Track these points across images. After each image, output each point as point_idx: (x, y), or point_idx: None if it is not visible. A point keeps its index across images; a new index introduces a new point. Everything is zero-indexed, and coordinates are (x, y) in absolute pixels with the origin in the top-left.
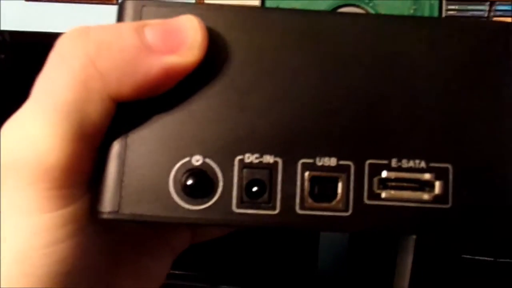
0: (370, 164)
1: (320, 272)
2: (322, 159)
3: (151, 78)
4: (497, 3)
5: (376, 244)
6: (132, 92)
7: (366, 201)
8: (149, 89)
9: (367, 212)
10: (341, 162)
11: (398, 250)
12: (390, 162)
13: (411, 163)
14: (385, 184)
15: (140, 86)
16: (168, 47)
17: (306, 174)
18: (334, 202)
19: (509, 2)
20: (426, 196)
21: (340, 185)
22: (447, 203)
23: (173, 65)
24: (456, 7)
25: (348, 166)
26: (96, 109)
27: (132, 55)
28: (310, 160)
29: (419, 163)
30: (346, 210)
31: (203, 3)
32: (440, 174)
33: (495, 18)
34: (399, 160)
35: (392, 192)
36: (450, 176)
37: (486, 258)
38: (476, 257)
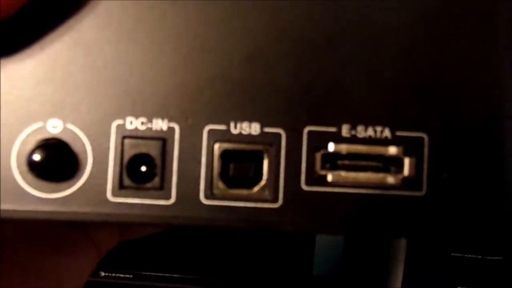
0: (310, 133)
1: (315, 276)
2: (239, 124)
3: None
4: None
5: (373, 249)
6: None
7: (304, 187)
8: None
9: (305, 204)
10: (267, 130)
11: (389, 255)
12: (340, 130)
13: (370, 131)
14: (333, 162)
15: None
16: None
17: (216, 146)
18: (257, 189)
19: None
20: (391, 180)
21: (266, 163)
22: (421, 189)
23: None
24: None
25: (278, 135)
26: None
27: None
28: (222, 127)
29: (382, 132)
30: (275, 200)
31: None
32: (411, 148)
33: None
34: (353, 127)
35: (343, 173)
36: (426, 151)
37: (475, 256)
38: (465, 255)
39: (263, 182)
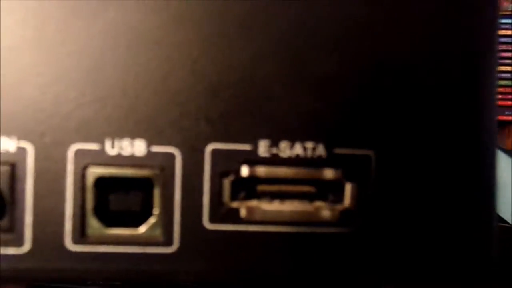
0: (215, 152)
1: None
2: (118, 143)
3: None
4: None
5: None
6: None
7: (208, 225)
8: None
9: (208, 247)
10: (156, 149)
11: None
12: (256, 147)
13: (298, 149)
14: (247, 190)
15: None
16: None
17: (88, 172)
18: (144, 228)
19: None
20: (326, 213)
21: (156, 193)
22: (351, 224)
23: None
24: None
25: (171, 156)
26: None
27: None
28: (94, 146)
29: (315, 149)
30: (168, 242)
31: None
32: (352, 170)
33: None
34: (274, 143)
35: (262, 206)
36: (373, 174)
37: None
38: None
39: (153, 219)
